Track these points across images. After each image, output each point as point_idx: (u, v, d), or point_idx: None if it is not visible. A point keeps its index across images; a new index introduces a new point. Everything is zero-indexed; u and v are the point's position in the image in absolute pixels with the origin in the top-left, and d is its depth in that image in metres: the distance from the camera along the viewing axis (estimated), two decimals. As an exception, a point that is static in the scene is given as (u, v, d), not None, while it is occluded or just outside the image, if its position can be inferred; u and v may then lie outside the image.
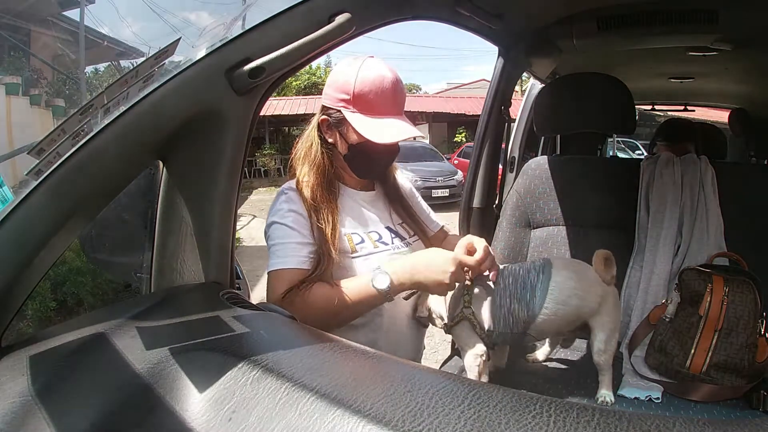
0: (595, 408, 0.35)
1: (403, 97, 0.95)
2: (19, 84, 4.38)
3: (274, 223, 0.92)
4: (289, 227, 0.91)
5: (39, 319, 2.16)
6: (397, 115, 0.93)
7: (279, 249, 0.90)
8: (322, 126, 0.96)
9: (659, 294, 1.16)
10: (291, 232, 0.90)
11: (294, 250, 0.89)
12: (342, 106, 0.91)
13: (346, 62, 0.94)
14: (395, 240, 1.00)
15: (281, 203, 0.94)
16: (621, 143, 10.51)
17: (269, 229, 0.93)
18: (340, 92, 0.91)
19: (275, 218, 0.93)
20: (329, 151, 0.96)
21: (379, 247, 0.97)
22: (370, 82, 0.89)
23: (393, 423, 0.34)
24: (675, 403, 0.93)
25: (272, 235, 0.92)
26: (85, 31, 4.75)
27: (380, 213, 1.02)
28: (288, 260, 0.89)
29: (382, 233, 0.99)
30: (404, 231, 1.03)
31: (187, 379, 0.44)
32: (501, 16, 1.19)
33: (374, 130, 0.89)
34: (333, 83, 0.93)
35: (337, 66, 0.97)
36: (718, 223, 1.19)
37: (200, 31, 0.70)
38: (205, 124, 0.65)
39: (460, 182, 8.66)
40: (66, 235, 0.58)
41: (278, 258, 0.90)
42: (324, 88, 0.97)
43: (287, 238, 0.90)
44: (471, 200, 1.60)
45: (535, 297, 0.85)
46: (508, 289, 0.87)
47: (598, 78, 1.38)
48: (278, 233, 0.91)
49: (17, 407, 0.43)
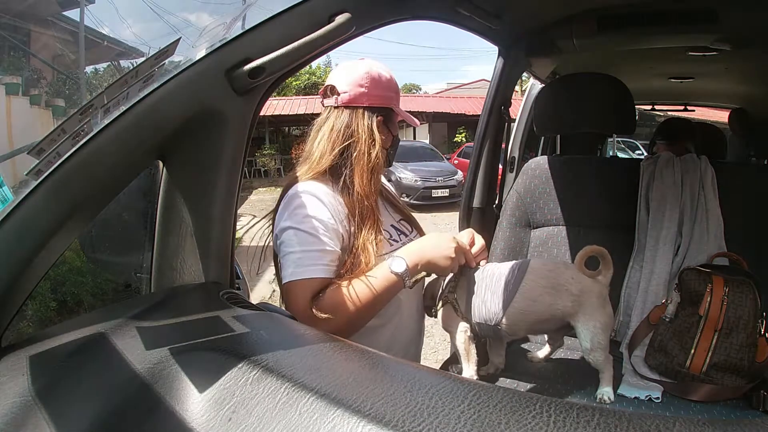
0: (595, 408, 0.35)
1: None
2: (19, 84, 4.38)
3: (291, 228, 0.88)
4: (309, 233, 0.87)
5: (39, 319, 2.16)
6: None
7: (300, 257, 0.86)
8: (379, 126, 0.96)
9: (659, 294, 1.16)
10: (310, 238, 0.86)
11: (317, 259, 0.86)
12: (394, 104, 0.99)
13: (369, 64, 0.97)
14: (401, 237, 1.02)
15: (298, 208, 0.89)
16: (621, 143, 10.51)
17: (283, 235, 0.88)
18: (389, 91, 0.97)
19: (291, 223, 0.88)
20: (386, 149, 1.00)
21: (393, 246, 0.98)
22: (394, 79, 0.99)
23: (393, 423, 0.34)
24: (675, 403, 0.93)
25: (289, 241, 0.88)
26: (85, 31, 4.75)
27: (384, 212, 1.03)
28: (311, 269, 0.86)
29: (391, 232, 1.01)
30: (405, 228, 1.06)
31: (187, 379, 0.44)
32: (501, 16, 1.19)
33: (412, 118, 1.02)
34: (375, 87, 0.95)
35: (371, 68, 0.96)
36: (718, 223, 1.19)
37: (200, 31, 0.70)
38: (205, 124, 0.65)
39: (460, 182, 8.66)
40: (66, 235, 0.58)
41: (300, 267, 0.86)
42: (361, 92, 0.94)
43: (307, 245, 0.86)
44: (471, 200, 1.60)
45: (506, 291, 0.89)
46: (484, 281, 0.92)
47: (598, 78, 1.38)
48: (296, 239, 0.87)
49: (17, 407, 0.43)
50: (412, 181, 9.00)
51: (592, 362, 0.90)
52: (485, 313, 0.90)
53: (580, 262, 0.89)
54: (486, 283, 0.91)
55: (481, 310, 0.91)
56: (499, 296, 0.89)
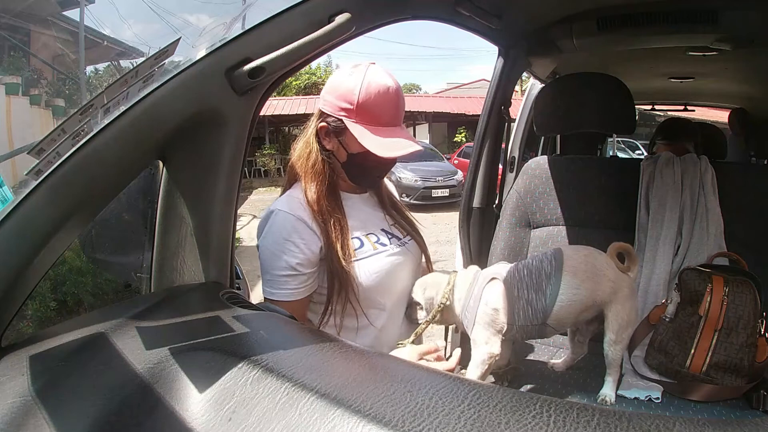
0: (595, 408, 0.35)
1: (404, 105, 0.94)
2: (19, 84, 4.38)
3: (265, 249, 0.91)
4: (283, 260, 0.89)
5: (39, 319, 2.16)
6: (397, 125, 0.92)
7: (270, 279, 0.90)
8: (320, 132, 0.94)
9: (659, 294, 1.16)
10: (283, 264, 0.89)
11: (287, 284, 0.89)
12: (343, 115, 0.89)
13: (348, 70, 0.92)
14: (392, 240, 1.00)
15: (275, 228, 0.90)
16: (621, 143, 10.51)
17: (259, 250, 0.92)
18: (343, 101, 0.89)
19: (267, 244, 0.90)
20: (328, 158, 0.94)
21: (378, 249, 0.97)
22: (374, 92, 0.88)
23: (393, 423, 0.34)
24: (675, 403, 0.93)
25: (264, 260, 0.91)
26: (85, 31, 4.75)
27: (374, 215, 1.02)
28: (278, 293, 0.89)
29: (379, 235, 0.99)
30: (399, 231, 1.03)
31: (187, 379, 0.44)
32: (501, 16, 1.19)
33: (378, 143, 0.88)
34: (334, 90, 0.91)
35: (338, 72, 0.95)
36: (718, 223, 1.19)
37: (200, 31, 0.70)
38: (205, 124, 0.65)
39: (460, 182, 8.66)
40: (66, 235, 0.58)
41: (271, 288, 0.90)
42: (322, 93, 0.94)
43: (280, 270, 0.89)
44: (471, 200, 1.60)
45: (550, 284, 0.85)
46: (524, 281, 0.88)
47: (598, 78, 1.38)
48: (269, 262, 0.90)
49: (17, 407, 0.43)
50: (412, 181, 9.00)
51: (608, 356, 0.89)
52: (531, 314, 0.86)
53: (612, 254, 0.88)
54: (526, 282, 0.87)
55: (527, 312, 0.86)
56: (543, 291, 0.85)
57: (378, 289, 0.95)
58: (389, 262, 0.96)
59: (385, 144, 0.88)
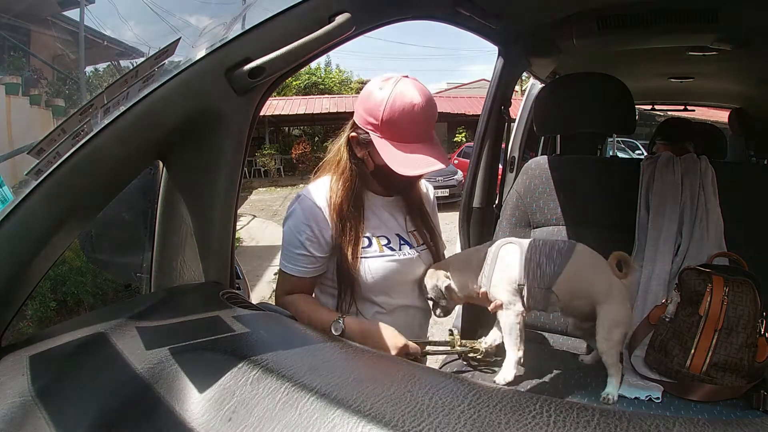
0: (595, 408, 0.35)
1: (434, 120, 0.95)
2: (19, 84, 4.37)
3: (288, 227, 0.99)
4: (299, 240, 0.97)
5: (39, 319, 2.16)
6: (425, 141, 0.93)
7: (286, 254, 0.99)
8: (351, 142, 0.97)
9: (659, 294, 1.16)
10: (298, 243, 0.97)
11: (299, 261, 0.97)
12: (370, 129, 0.92)
13: (378, 83, 0.93)
14: (404, 247, 1.02)
15: (298, 212, 0.98)
16: (621, 143, 10.50)
17: (284, 226, 1.01)
18: (369, 115, 0.91)
19: (290, 224, 0.99)
20: (357, 165, 0.98)
21: (384, 252, 0.99)
22: (399, 110, 0.88)
23: (393, 423, 0.34)
24: (675, 403, 0.93)
25: (285, 237, 0.99)
26: (85, 31, 4.75)
27: (394, 219, 1.03)
28: (290, 268, 0.98)
29: (392, 239, 1.01)
30: (415, 239, 1.04)
31: (187, 379, 0.44)
32: (501, 16, 1.19)
33: (400, 160, 0.89)
34: (363, 103, 0.93)
35: (370, 84, 0.96)
36: (718, 223, 1.19)
37: (200, 31, 0.70)
38: (205, 124, 0.65)
39: (460, 182, 8.65)
40: (66, 235, 0.58)
41: (285, 260, 0.99)
42: (356, 103, 0.97)
43: (293, 247, 0.98)
44: (471, 200, 1.60)
45: (560, 257, 0.94)
46: (538, 248, 0.97)
47: (598, 78, 1.38)
48: (289, 239, 0.98)
49: (17, 407, 0.43)
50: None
51: (602, 351, 0.92)
52: (540, 276, 0.94)
53: (612, 263, 0.94)
54: (540, 249, 0.96)
55: (536, 273, 0.94)
56: (553, 260, 0.94)
57: (375, 289, 0.99)
58: (390, 267, 0.99)
59: (406, 161, 0.90)
